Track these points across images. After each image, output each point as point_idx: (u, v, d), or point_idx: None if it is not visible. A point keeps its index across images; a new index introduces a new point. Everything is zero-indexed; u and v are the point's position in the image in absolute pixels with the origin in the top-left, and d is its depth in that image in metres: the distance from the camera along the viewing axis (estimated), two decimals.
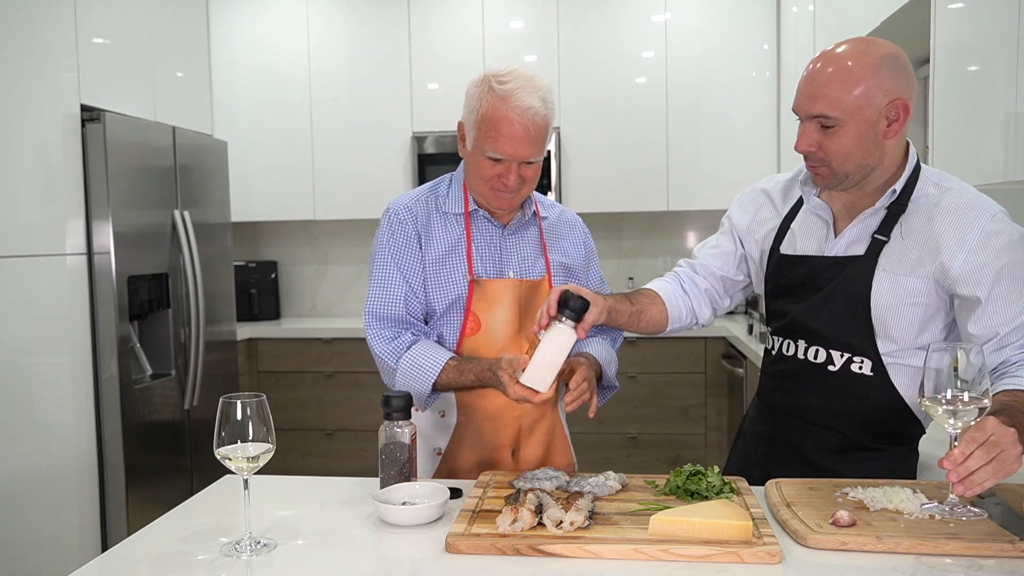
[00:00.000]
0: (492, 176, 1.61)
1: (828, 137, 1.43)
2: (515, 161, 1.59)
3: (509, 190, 1.62)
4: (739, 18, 4.22)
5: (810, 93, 1.44)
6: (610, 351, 1.81)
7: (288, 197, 4.50)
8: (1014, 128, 1.88)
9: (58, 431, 2.82)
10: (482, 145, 1.60)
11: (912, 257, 1.46)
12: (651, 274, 4.69)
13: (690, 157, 4.28)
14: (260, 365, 4.34)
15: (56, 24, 2.86)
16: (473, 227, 1.72)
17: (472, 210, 1.71)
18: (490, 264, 1.71)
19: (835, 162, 1.45)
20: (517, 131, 1.56)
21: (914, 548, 1.18)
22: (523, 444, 1.73)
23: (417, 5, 4.35)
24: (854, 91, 1.39)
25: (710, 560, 1.16)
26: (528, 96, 1.57)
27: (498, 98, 1.57)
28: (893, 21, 2.56)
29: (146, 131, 3.25)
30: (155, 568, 1.21)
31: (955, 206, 1.46)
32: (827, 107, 1.41)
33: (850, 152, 1.43)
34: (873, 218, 1.51)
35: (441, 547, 1.24)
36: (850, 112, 1.40)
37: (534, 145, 1.59)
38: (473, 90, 1.63)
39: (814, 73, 1.45)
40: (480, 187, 1.66)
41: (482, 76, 1.63)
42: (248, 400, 1.24)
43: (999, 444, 1.14)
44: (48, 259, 2.81)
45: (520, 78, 1.59)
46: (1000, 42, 1.94)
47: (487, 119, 1.58)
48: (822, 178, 1.50)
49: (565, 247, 1.81)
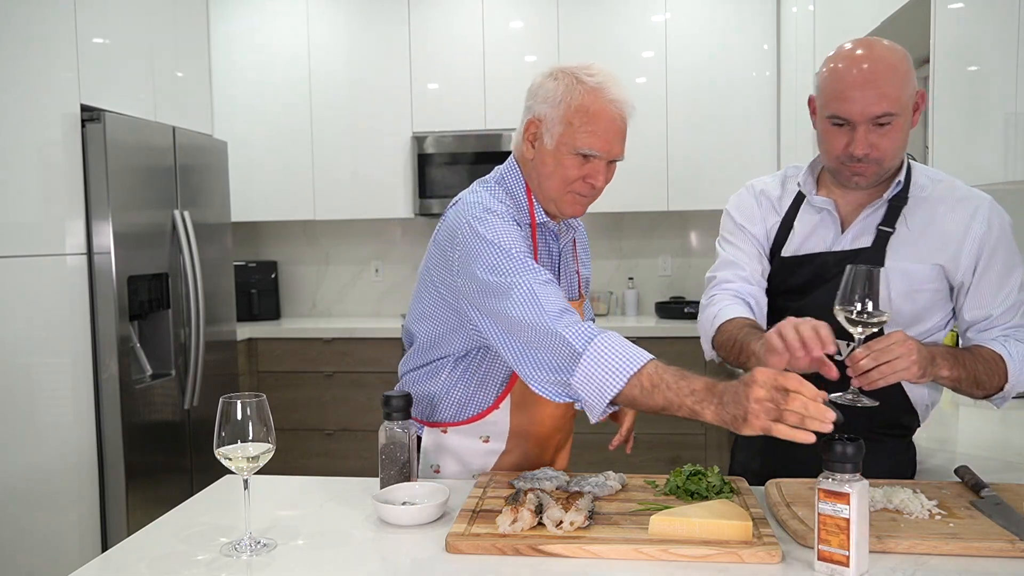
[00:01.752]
0: (577, 177, 1.49)
1: (884, 135, 1.44)
2: (606, 159, 1.49)
3: (593, 193, 1.52)
4: (739, 18, 4.21)
5: (870, 96, 1.41)
6: None
7: (288, 197, 4.50)
8: (1014, 128, 1.88)
9: (58, 431, 2.82)
10: (572, 141, 1.47)
11: (920, 246, 1.51)
12: (651, 274, 4.71)
13: (690, 157, 4.28)
14: (260, 365, 4.34)
15: (56, 24, 2.86)
16: (539, 241, 1.59)
17: (540, 222, 1.57)
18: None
19: (887, 159, 1.47)
20: (615, 124, 1.47)
21: (914, 548, 1.18)
22: (556, 458, 1.75)
23: (417, 5, 4.35)
24: (905, 85, 1.42)
25: (710, 560, 1.16)
26: (620, 90, 1.48)
27: (591, 90, 1.46)
28: (893, 21, 2.56)
29: (146, 131, 3.25)
30: (155, 568, 1.21)
31: (955, 197, 1.53)
32: (890, 105, 1.41)
33: (900, 146, 1.47)
34: (878, 212, 1.54)
35: (441, 547, 1.24)
36: (902, 105, 1.43)
37: (623, 142, 1.51)
38: (551, 84, 1.50)
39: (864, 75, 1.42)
40: (557, 191, 1.52)
41: (557, 69, 1.51)
42: (248, 400, 1.24)
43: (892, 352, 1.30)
44: (48, 259, 2.81)
45: (604, 72, 1.50)
46: (1000, 42, 1.94)
47: (581, 112, 1.46)
48: (865, 178, 1.49)
49: (585, 259, 1.77)
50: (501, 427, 1.62)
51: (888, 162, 1.47)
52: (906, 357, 1.31)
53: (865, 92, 1.41)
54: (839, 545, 1.08)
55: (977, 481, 1.40)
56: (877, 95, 1.41)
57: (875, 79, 1.41)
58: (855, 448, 1.08)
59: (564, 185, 1.51)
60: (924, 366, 1.34)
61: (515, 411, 1.61)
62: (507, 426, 1.62)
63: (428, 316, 1.62)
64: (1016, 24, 1.85)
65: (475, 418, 1.62)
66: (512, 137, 4.41)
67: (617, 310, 4.65)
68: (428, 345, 1.63)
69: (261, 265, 4.66)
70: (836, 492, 1.08)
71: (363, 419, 4.18)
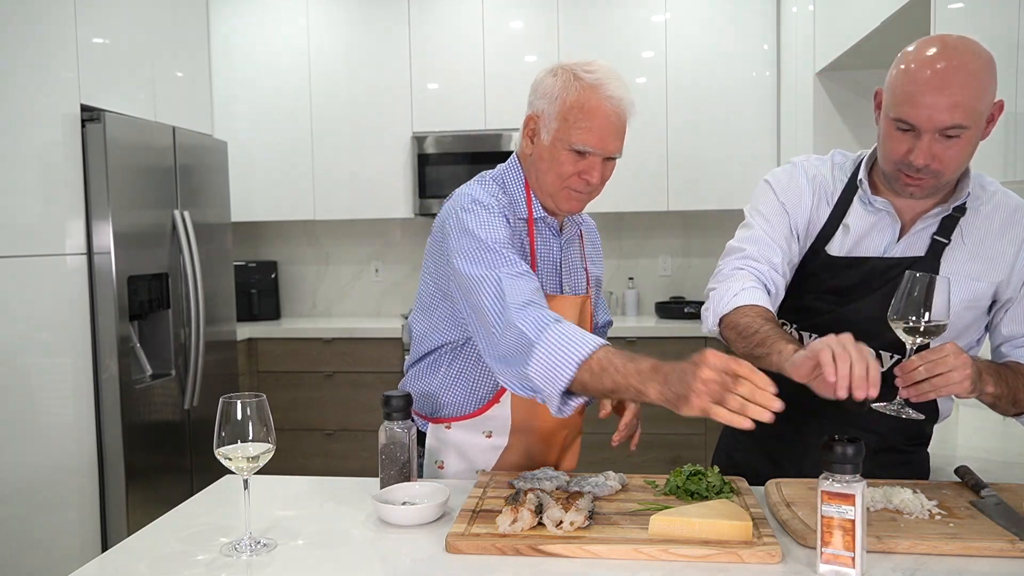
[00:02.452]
0: (573, 173, 1.50)
1: (949, 147, 1.33)
2: (601, 156, 1.49)
3: (589, 189, 1.52)
4: (739, 18, 4.21)
5: (942, 104, 1.30)
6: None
7: (288, 197, 4.50)
8: (1014, 128, 1.88)
9: (58, 431, 2.82)
10: (567, 137, 1.48)
11: (976, 262, 1.46)
12: (651, 274, 4.71)
13: (690, 157, 4.28)
14: (260, 365, 4.34)
15: (56, 24, 2.86)
16: (537, 236, 1.60)
17: (538, 217, 1.59)
18: (550, 279, 1.60)
19: (949, 172, 1.37)
20: (611, 121, 1.47)
21: (914, 548, 1.18)
22: (563, 458, 1.74)
23: (417, 5, 4.35)
24: (983, 95, 1.32)
25: (710, 560, 1.16)
26: (618, 87, 1.48)
27: (588, 87, 1.47)
28: (893, 21, 2.56)
29: (146, 131, 3.25)
30: (155, 568, 1.21)
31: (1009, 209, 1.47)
32: (962, 116, 1.30)
33: (966, 159, 1.38)
34: (935, 220, 1.47)
35: (441, 547, 1.24)
36: (976, 118, 1.33)
37: (620, 140, 1.50)
38: (550, 80, 1.51)
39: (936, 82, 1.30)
40: (553, 186, 1.53)
41: (558, 66, 1.52)
42: (248, 400, 1.24)
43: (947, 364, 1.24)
44: (48, 259, 2.81)
45: (604, 69, 1.50)
46: (1000, 42, 1.93)
47: (576, 108, 1.47)
48: (922, 189, 1.40)
49: (595, 257, 1.76)
50: (503, 422, 1.62)
51: (948, 175, 1.38)
52: (960, 370, 1.25)
53: (937, 99, 1.30)
54: (844, 547, 1.08)
55: (977, 481, 1.39)
56: (949, 104, 1.29)
57: (949, 86, 1.29)
58: (856, 449, 1.07)
59: (560, 181, 1.52)
60: (975, 382, 1.28)
61: (516, 405, 1.61)
62: (508, 421, 1.62)
63: (425, 307, 1.64)
64: (1016, 24, 1.85)
65: (476, 412, 1.63)
66: (513, 137, 4.42)
67: (617, 310, 4.65)
68: (424, 335, 1.65)
69: (261, 265, 4.66)
70: (841, 494, 1.07)
71: (363, 419, 4.18)
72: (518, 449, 1.64)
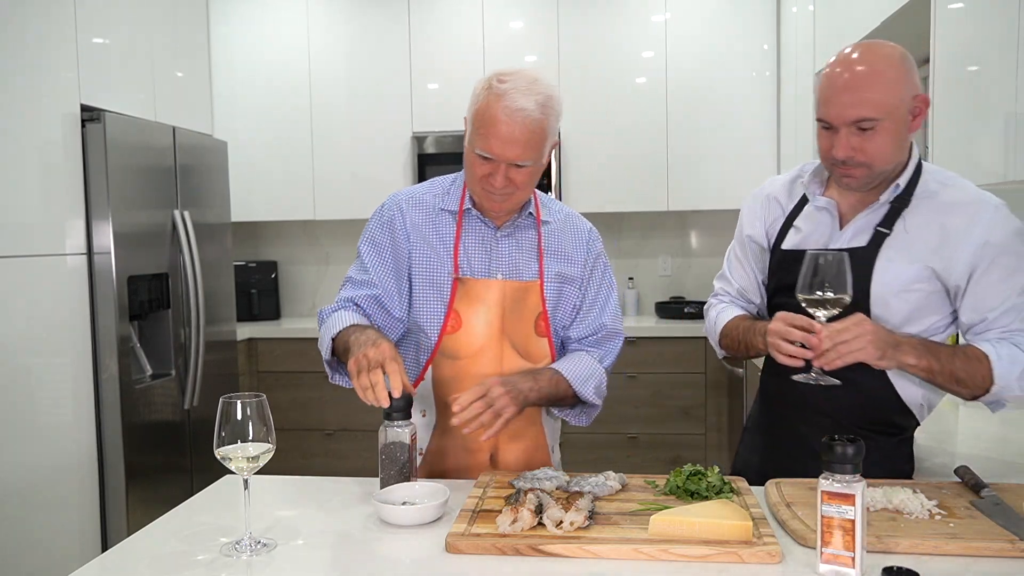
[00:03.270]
0: (482, 175, 1.59)
1: (867, 139, 1.46)
2: (503, 162, 1.56)
3: (496, 191, 1.59)
4: (739, 18, 4.22)
5: (849, 100, 1.45)
6: (592, 367, 1.72)
7: (288, 197, 4.50)
8: (1014, 128, 1.88)
9: (58, 431, 2.82)
10: (474, 141, 1.58)
11: (915, 248, 1.52)
12: (651, 274, 4.71)
13: (690, 157, 4.28)
14: (260, 365, 4.34)
15: (56, 24, 2.86)
16: (465, 225, 1.70)
17: (466, 208, 1.70)
18: (478, 264, 1.69)
19: (876, 163, 1.48)
20: (503, 130, 1.53)
21: (914, 548, 1.18)
22: (502, 449, 1.71)
23: (417, 5, 4.35)
24: (890, 90, 1.44)
25: (710, 560, 1.16)
26: (523, 98, 1.54)
27: (493, 96, 1.56)
28: (893, 21, 2.56)
29: (146, 131, 3.25)
30: (155, 568, 1.21)
31: (960, 200, 1.52)
32: (868, 110, 1.44)
33: (890, 151, 1.48)
34: (877, 212, 1.55)
35: (441, 547, 1.24)
36: (888, 111, 1.44)
37: (523, 148, 1.55)
38: (477, 86, 1.62)
39: (846, 80, 1.46)
40: (472, 184, 1.65)
41: (489, 74, 1.62)
42: (248, 400, 1.24)
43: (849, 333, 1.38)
44: (48, 259, 2.81)
45: (522, 80, 1.57)
46: (1000, 42, 1.94)
47: (479, 116, 1.57)
48: (856, 180, 1.52)
49: (567, 253, 1.74)
50: (430, 399, 1.71)
51: (878, 166, 1.49)
52: (862, 338, 1.38)
53: (843, 97, 1.45)
54: (844, 547, 1.08)
55: (977, 481, 1.40)
56: (854, 100, 1.44)
57: (855, 84, 1.44)
58: (855, 449, 1.08)
59: (473, 181, 1.63)
60: (883, 349, 1.40)
61: (437, 383, 1.70)
62: (432, 398, 1.71)
63: None
64: (1016, 24, 1.85)
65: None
66: None
67: None
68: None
69: (261, 265, 4.66)
70: (841, 494, 1.07)
71: (363, 419, 4.18)
72: (447, 429, 1.64)
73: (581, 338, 1.76)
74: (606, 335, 1.78)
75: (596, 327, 1.76)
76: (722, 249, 1.70)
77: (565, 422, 1.84)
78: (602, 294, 1.78)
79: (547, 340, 1.73)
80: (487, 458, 1.71)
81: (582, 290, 1.76)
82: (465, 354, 1.67)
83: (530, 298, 1.70)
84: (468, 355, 1.67)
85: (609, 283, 1.80)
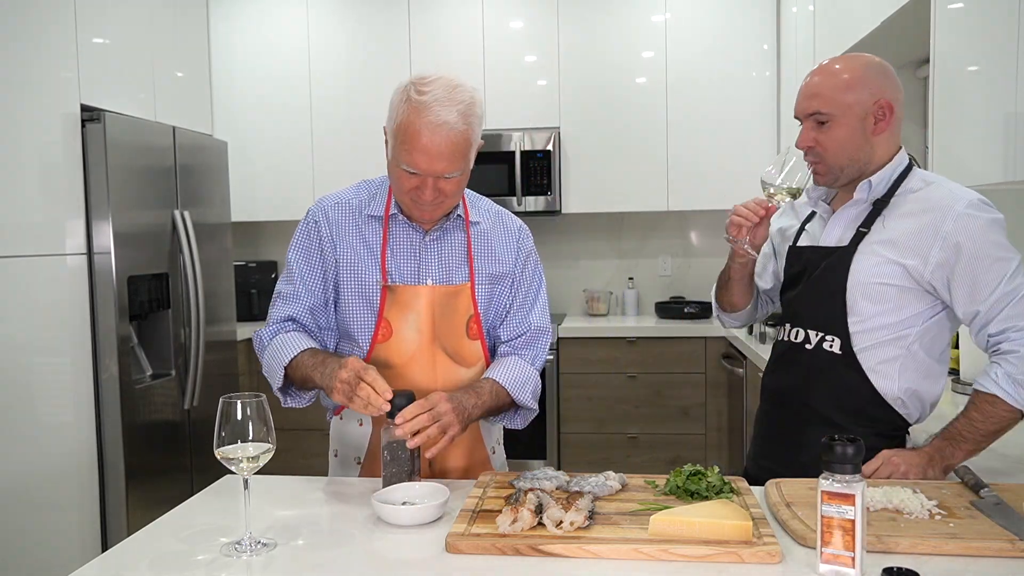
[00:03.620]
0: (409, 188, 1.56)
1: (823, 132, 1.60)
2: (430, 175, 1.53)
3: (427, 203, 1.57)
4: (739, 18, 4.22)
5: (806, 94, 1.62)
6: (527, 372, 1.70)
7: (288, 197, 4.50)
8: (1014, 128, 1.88)
9: (58, 431, 2.82)
10: (399, 156, 1.54)
11: (889, 246, 1.57)
12: (651, 274, 4.71)
13: (690, 157, 4.28)
14: (260, 365, 4.33)
15: (56, 24, 2.86)
16: (392, 231, 1.67)
17: (392, 214, 1.67)
18: (407, 270, 1.66)
19: (829, 155, 1.60)
20: (431, 147, 1.49)
21: (914, 548, 1.18)
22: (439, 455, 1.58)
23: (417, 5, 4.35)
24: (843, 89, 1.57)
25: (710, 560, 1.16)
26: (444, 110, 1.49)
27: (413, 109, 1.51)
28: (893, 21, 2.56)
29: (146, 131, 3.25)
30: (155, 568, 1.21)
31: (934, 197, 1.57)
32: (820, 104, 1.58)
33: (842, 145, 1.59)
34: (860, 213, 1.63)
35: (441, 547, 1.24)
36: (840, 108, 1.57)
37: (449, 161, 1.52)
38: (395, 97, 1.57)
39: (809, 79, 1.64)
40: (400, 196, 1.62)
41: (406, 82, 1.57)
42: (248, 400, 1.24)
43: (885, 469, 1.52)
44: (48, 259, 2.81)
45: (441, 89, 1.52)
46: (1000, 42, 1.94)
47: (402, 130, 1.52)
48: (820, 175, 1.64)
49: (497, 253, 1.73)
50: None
51: (831, 158, 1.60)
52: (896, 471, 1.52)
53: (803, 91, 1.63)
54: (844, 547, 1.08)
55: (977, 481, 1.40)
56: (808, 94, 1.61)
57: (812, 83, 1.62)
58: (855, 448, 1.08)
59: (400, 194, 1.61)
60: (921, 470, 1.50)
61: None
62: None
63: None
64: (1016, 24, 1.85)
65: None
66: (512, 136, 4.41)
67: (617, 310, 4.65)
68: None
69: (261, 265, 4.66)
70: (841, 494, 1.07)
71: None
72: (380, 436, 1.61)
73: (510, 339, 1.74)
74: (533, 335, 1.76)
75: (524, 327, 1.75)
76: (722, 249, 1.72)
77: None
78: (531, 293, 1.77)
79: (479, 342, 1.71)
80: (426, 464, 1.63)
81: (512, 289, 1.75)
82: (397, 362, 1.64)
83: (460, 301, 1.67)
84: (400, 363, 1.64)
85: (539, 281, 1.79)
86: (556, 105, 4.31)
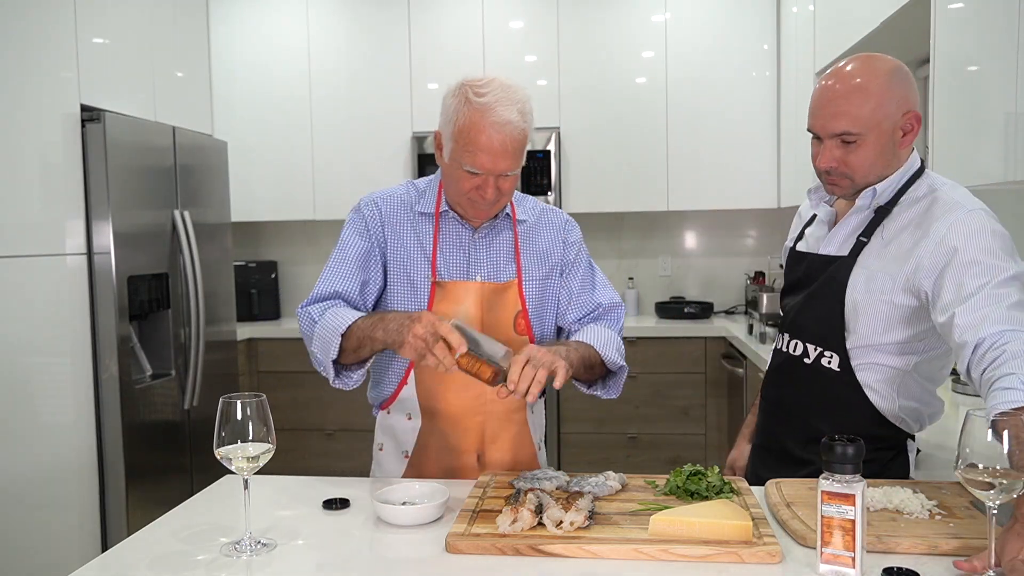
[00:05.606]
0: (470, 188, 1.58)
1: (850, 152, 1.49)
2: (493, 175, 1.56)
3: (487, 203, 1.60)
4: (739, 18, 4.22)
5: (830, 112, 1.49)
6: (606, 332, 1.71)
7: (288, 197, 4.50)
8: (1014, 128, 1.87)
9: (58, 431, 2.82)
10: (460, 158, 1.56)
11: (888, 255, 1.51)
12: (651, 274, 4.71)
13: (690, 157, 4.28)
14: (260, 365, 4.34)
15: (56, 24, 2.86)
16: (442, 228, 1.70)
17: (443, 211, 1.70)
18: (456, 266, 1.69)
19: (858, 175, 1.52)
20: (496, 146, 1.52)
21: (914, 548, 1.18)
22: (488, 449, 1.71)
23: (417, 5, 4.35)
24: (872, 106, 1.46)
25: (710, 560, 1.16)
26: (506, 110, 1.53)
27: (476, 111, 1.53)
28: (893, 21, 2.56)
29: (146, 131, 3.25)
30: (155, 568, 1.21)
31: (936, 205, 1.49)
32: (849, 124, 1.47)
33: (872, 164, 1.50)
34: (862, 221, 1.57)
35: (441, 547, 1.24)
36: (870, 127, 1.47)
37: (512, 159, 1.56)
38: (450, 100, 1.59)
39: (830, 93, 1.50)
40: (455, 197, 1.64)
41: (459, 85, 1.59)
42: (248, 400, 1.24)
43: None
44: (48, 259, 2.81)
45: (499, 89, 1.55)
46: (1000, 42, 1.94)
47: (464, 132, 1.54)
48: (841, 189, 1.56)
49: (543, 248, 1.76)
50: (413, 402, 1.70)
51: (860, 178, 1.52)
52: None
53: (827, 109, 1.49)
54: (845, 547, 1.08)
55: None
56: (835, 113, 1.48)
57: (838, 98, 1.48)
58: (856, 449, 1.08)
59: (459, 195, 1.62)
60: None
61: (420, 386, 1.70)
62: (416, 401, 1.70)
63: None
64: (1016, 24, 1.85)
65: (394, 395, 1.72)
66: None
67: None
68: None
69: (261, 265, 4.66)
70: (841, 494, 1.07)
71: (363, 419, 4.16)
72: (432, 431, 1.69)
73: (580, 318, 1.77)
74: (604, 310, 1.79)
75: (592, 307, 1.78)
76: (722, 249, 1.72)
77: (549, 420, 1.84)
78: (588, 276, 1.80)
79: (528, 339, 1.72)
80: (474, 459, 1.70)
81: (566, 279, 1.78)
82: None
83: (508, 298, 1.70)
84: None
85: (591, 265, 1.82)
86: (556, 105, 4.31)
